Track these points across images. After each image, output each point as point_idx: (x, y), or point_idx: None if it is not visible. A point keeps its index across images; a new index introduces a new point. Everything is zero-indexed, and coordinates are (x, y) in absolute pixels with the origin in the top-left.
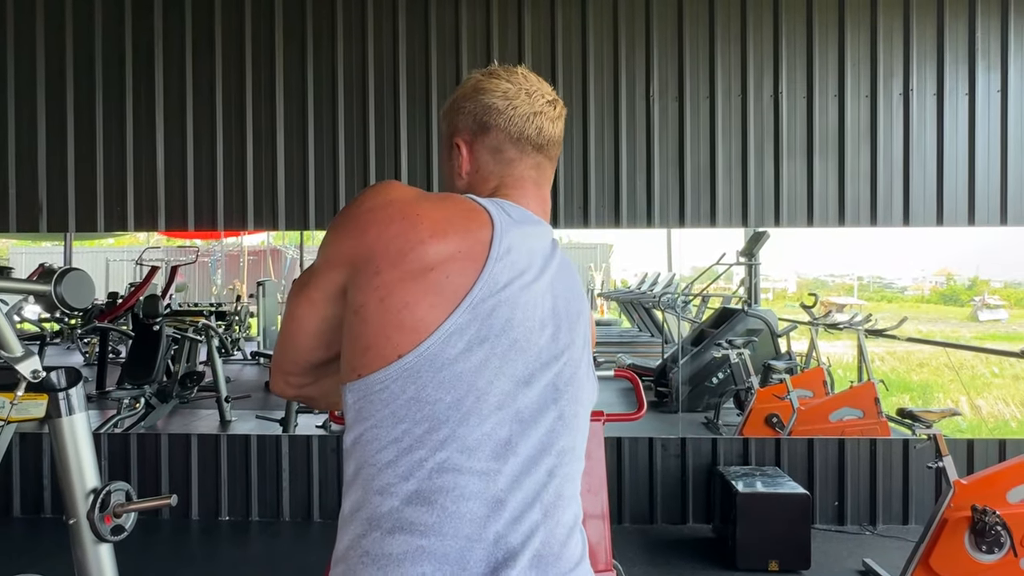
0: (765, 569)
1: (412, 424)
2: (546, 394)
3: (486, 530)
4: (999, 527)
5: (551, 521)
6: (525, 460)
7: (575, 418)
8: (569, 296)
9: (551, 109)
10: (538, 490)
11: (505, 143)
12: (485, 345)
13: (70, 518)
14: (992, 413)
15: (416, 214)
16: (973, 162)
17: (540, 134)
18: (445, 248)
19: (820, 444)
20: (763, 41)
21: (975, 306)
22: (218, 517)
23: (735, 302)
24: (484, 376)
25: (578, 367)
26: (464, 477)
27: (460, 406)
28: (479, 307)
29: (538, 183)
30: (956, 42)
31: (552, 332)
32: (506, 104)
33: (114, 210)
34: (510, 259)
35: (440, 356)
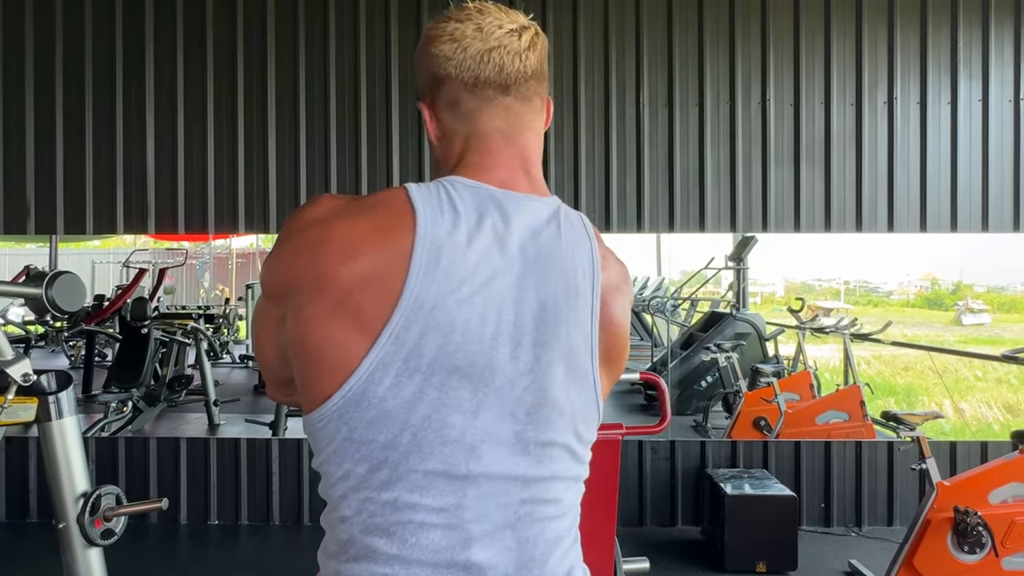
0: (753, 570)
1: (353, 464)
2: (502, 424)
3: (453, 556)
4: (980, 528)
5: (527, 545)
6: (489, 491)
7: (545, 448)
8: (549, 299)
9: (513, 40)
10: (507, 518)
11: (461, 93)
12: (416, 377)
13: (60, 522)
14: (975, 416)
15: (326, 236)
16: (955, 169)
17: (501, 72)
18: (357, 269)
19: (807, 447)
20: (751, 49)
21: (959, 310)
22: (207, 521)
23: (724, 306)
24: (419, 411)
25: (548, 388)
26: (420, 513)
27: (396, 445)
28: (403, 335)
29: (508, 136)
30: (938, 52)
31: (511, 350)
32: (455, 47)
33: (103, 212)
34: (441, 269)
35: (366, 395)
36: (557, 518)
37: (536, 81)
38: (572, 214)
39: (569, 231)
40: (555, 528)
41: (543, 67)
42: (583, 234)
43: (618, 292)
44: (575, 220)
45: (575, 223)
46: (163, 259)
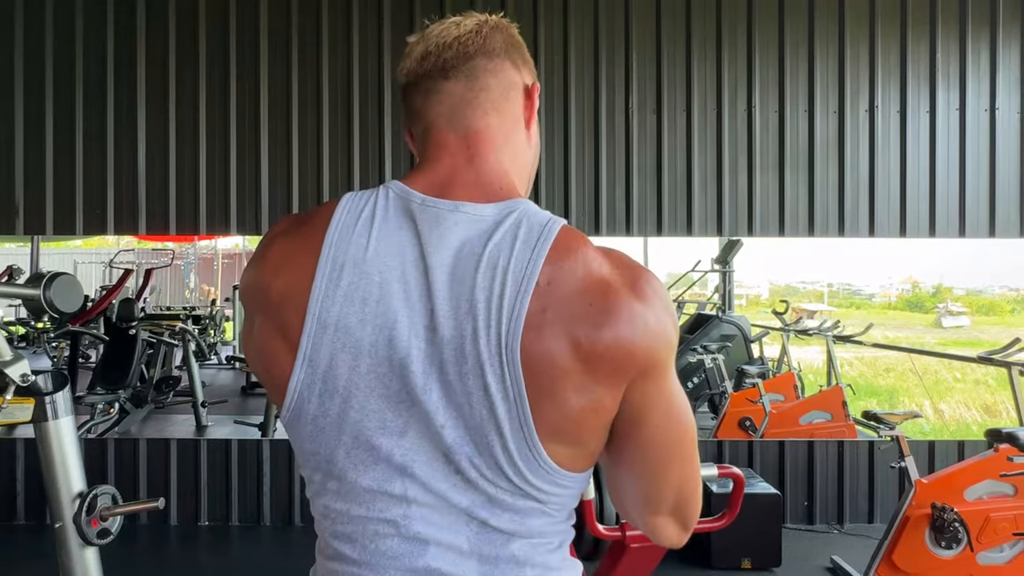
0: (738, 567)
1: (311, 471)
2: (431, 446)
3: (413, 562)
4: (957, 524)
5: (489, 554)
6: (432, 506)
7: (480, 480)
8: (454, 331)
9: (452, 29)
10: (459, 528)
11: (411, 98)
12: (336, 398)
13: (56, 522)
14: (954, 417)
15: (264, 256)
16: (934, 176)
17: (439, 59)
18: (279, 287)
19: (791, 446)
20: (737, 58)
21: (939, 313)
22: (198, 522)
23: (710, 308)
24: (347, 431)
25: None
26: (372, 524)
27: (335, 460)
28: (315, 357)
29: (451, 120)
30: (918, 63)
31: (423, 378)
32: (405, 61)
33: (93, 213)
34: (343, 288)
35: (302, 413)
36: (516, 537)
37: (486, 58)
38: (525, 223)
39: (501, 247)
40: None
41: (500, 47)
42: (528, 250)
43: (561, 322)
44: (525, 232)
45: (522, 236)
46: (149, 259)
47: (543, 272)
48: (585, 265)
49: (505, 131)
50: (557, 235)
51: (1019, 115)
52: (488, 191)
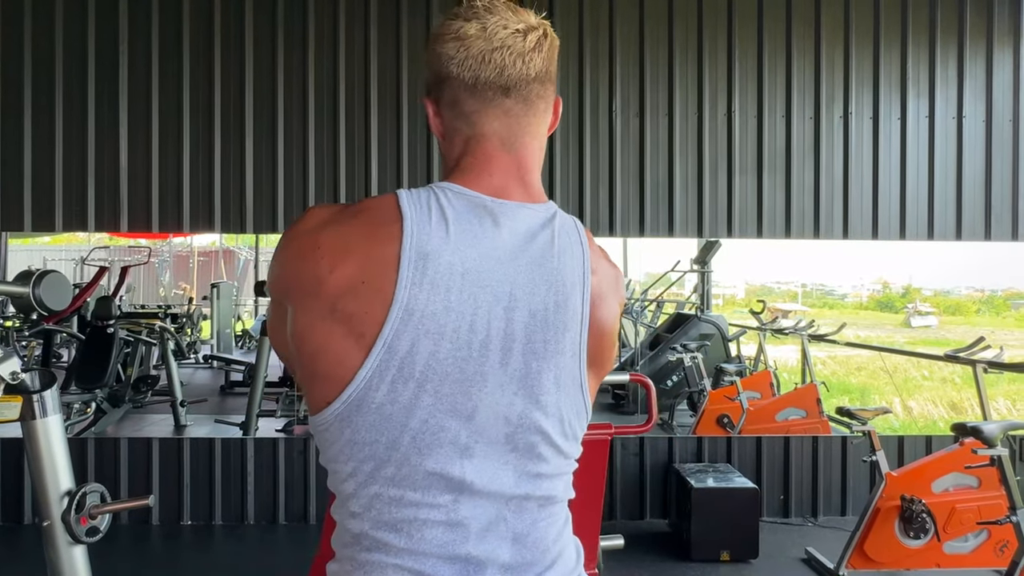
0: (717, 559)
1: (359, 463)
2: (494, 426)
3: (454, 550)
4: (925, 515)
5: (521, 535)
6: (481, 490)
7: (534, 448)
8: (539, 307)
9: (517, 40)
10: (500, 512)
11: (461, 94)
12: (411, 384)
13: (44, 520)
14: (922, 413)
15: (314, 245)
16: (904, 181)
17: (502, 73)
18: (345, 279)
19: (767, 442)
20: (718, 64)
21: (908, 313)
22: (180, 522)
23: (688, 308)
24: (416, 416)
25: (538, 394)
26: (422, 510)
27: (397, 446)
28: (395, 344)
29: (506, 141)
30: (889, 72)
31: (500, 356)
32: (457, 46)
33: (73, 210)
34: (429, 276)
35: (365, 401)
36: (546, 507)
37: (540, 84)
38: (567, 220)
39: (562, 238)
40: (545, 517)
41: (550, 69)
42: (576, 240)
43: (608, 297)
44: (569, 226)
45: (569, 229)
46: (122, 256)
47: (590, 259)
48: (602, 254)
49: (540, 151)
50: (585, 230)
51: (984, 123)
52: (533, 196)
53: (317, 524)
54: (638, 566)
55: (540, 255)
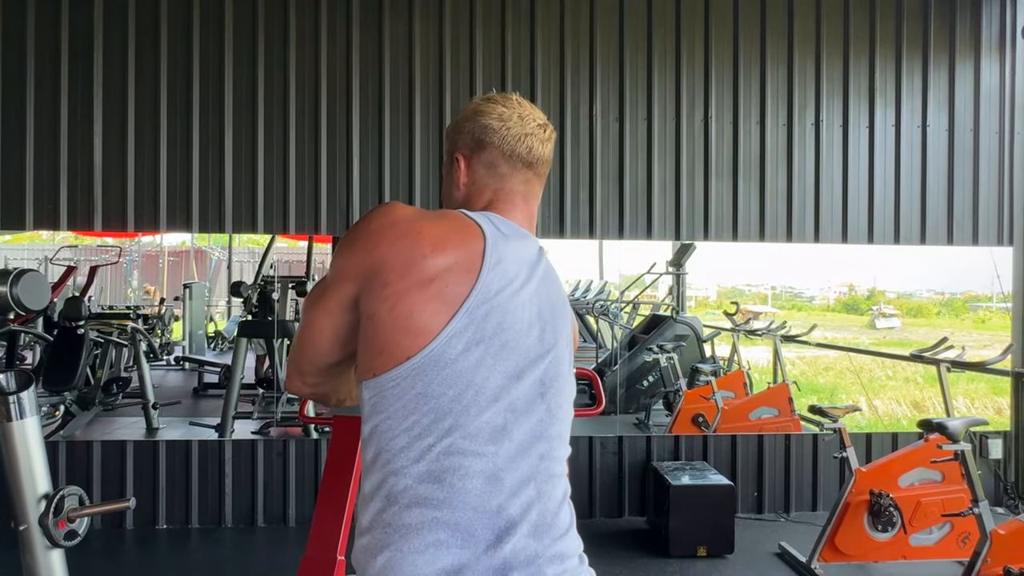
0: (694, 555)
1: (421, 415)
2: (535, 388)
3: (489, 503)
4: (892, 508)
5: (544, 496)
6: (519, 444)
7: (559, 409)
8: (553, 301)
9: (541, 132)
10: (531, 470)
11: (499, 159)
12: (481, 345)
13: (20, 524)
14: (887, 412)
15: (418, 231)
16: (872, 187)
17: (531, 153)
18: (444, 261)
19: (742, 440)
20: (695, 72)
21: (873, 315)
22: (155, 526)
23: (664, 309)
24: (480, 373)
25: (561, 364)
26: (467, 459)
27: (461, 399)
28: (475, 312)
29: (526, 197)
30: (858, 82)
31: (539, 333)
32: (501, 125)
33: (45, 208)
34: (501, 268)
35: (443, 356)
36: (561, 476)
37: (546, 164)
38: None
39: (547, 260)
40: (561, 486)
41: (552, 154)
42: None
43: None
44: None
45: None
46: (88, 256)
47: None
48: None
49: (537, 205)
50: None
51: (947, 132)
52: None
53: (296, 526)
54: (617, 563)
55: (547, 266)
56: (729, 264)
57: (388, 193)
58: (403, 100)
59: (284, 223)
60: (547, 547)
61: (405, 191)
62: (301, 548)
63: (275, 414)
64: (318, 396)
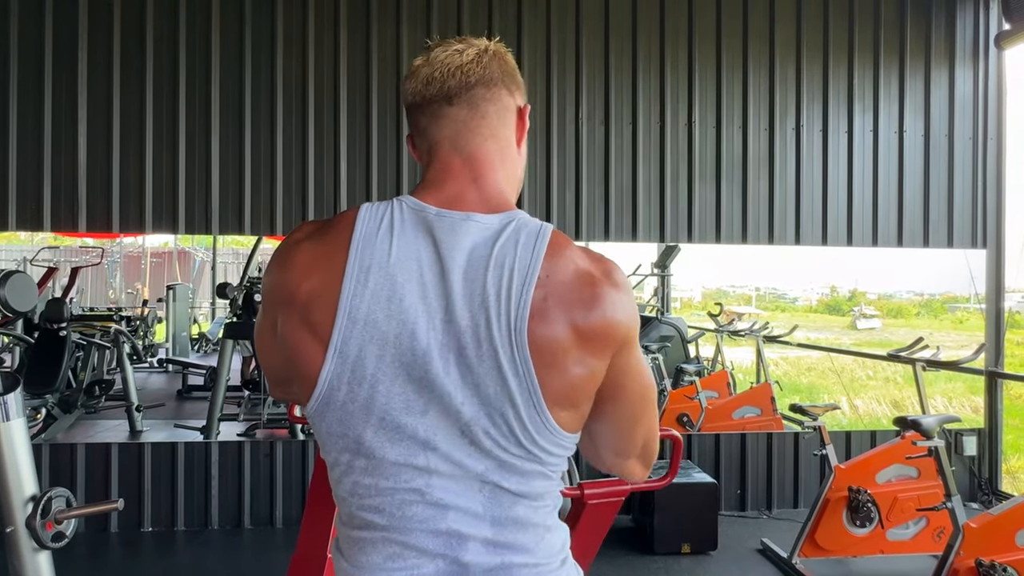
0: (679, 552)
1: (338, 453)
2: (450, 423)
3: (436, 525)
4: (870, 504)
5: (500, 520)
6: (451, 475)
7: (493, 448)
8: (468, 321)
9: (455, 57)
10: (476, 497)
11: (417, 116)
12: (364, 385)
13: (7, 526)
14: (867, 411)
15: (292, 260)
16: (851, 191)
17: (443, 86)
18: (309, 289)
19: (725, 439)
20: (679, 77)
21: (854, 316)
22: (141, 528)
23: (649, 310)
24: (375, 412)
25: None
26: (400, 494)
27: (363, 439)
28: (345, 349)
29: (456, 144)
30: (838, 88)
31: (443, 365)
32: (412, 80)
33: (28, 208)
34: (370, 287)
35: (331, 400)
36: (522, 501)
37: (484, 87)
38: (522, 230)
39: (504, 251)
40: (524, 508)
41: (497, 76)
42: (527, 252)
43: (557, 311)
44: (522, 237)
45: (521, 240)
46: (71, 257)
47: (543, 267)
48: (574, 261)
49: (501, 153)
50: (550, 237)
51: (923, 137)
52: (490, 204)
53: (284, 528)
54: (603, 561)
55: (473, 270)
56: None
57: (375, 193)
58: (391, 103)
59: (271, 224)
60: (511, 556)
61: (392, 191)
62: (288, 550)
63: (261, 416)
64: (295, 401)
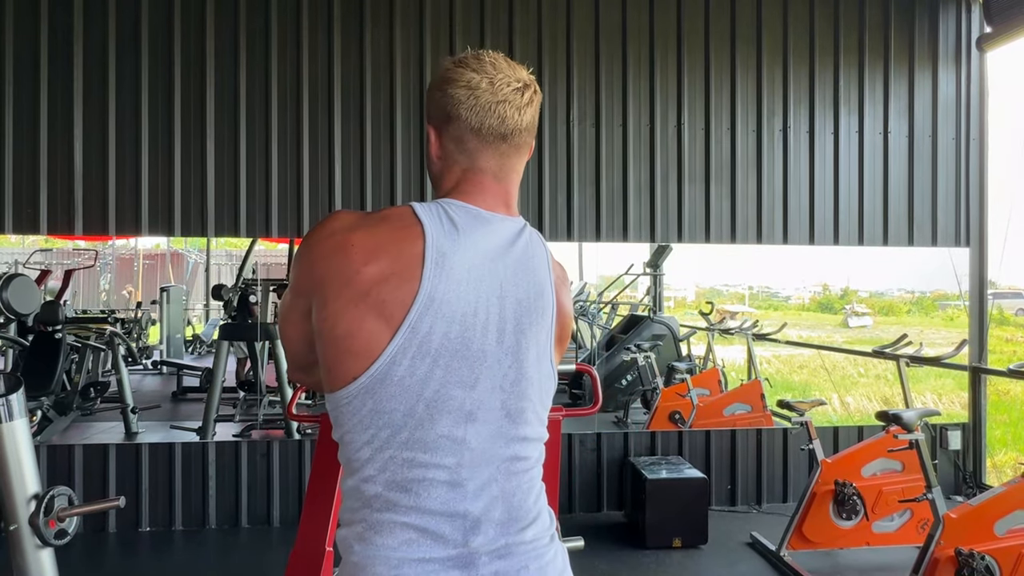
0: (670, 546)
1: (377, 429)
2: (492, 395)
3: (455, 508)
4: (855, 497)
5: (508, 493)
6: (479, 452)
7: (522, 414)
8: (523, 296)
9: (518, 96)
10: (493, 473)
11: (466, 133)
12: (427, 359)
13: (10, 524)
14: (858, 408)
15: (350, 244)
16: (837, 191)
17: (503, 123)
18: (378, 271)
19: (716, 435)
20: (668, 79)
21: (846, 314)
22: (139, 528)
23: (642, 310)
24: (430, 386)
25: (525, 366)
26: (429, 471)
27: (413, 413)
28: (418, 326)
29: (498, 175)
30: (824, 90)
31: (497, 336)
32: (468, 95)
33: (24, 212)
34: (446, 269)
35: (389, 375)
36: (528, 471)
37: (528, 132)
38: (533, 230)
39: (531, 243)
40: (527, 480)
41: (534, 123)
42: (540, 245)
43: (565, 288)
44: (535, 235)
45: (535, 237)
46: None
47: (550, 260)
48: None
49: (519, 179)
50: (543, 240)
51: (907, 138)
52: (512, 214)
53: (280, 526)
54: (596, 556)
55: (520, 256)
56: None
57: (370, 195)
58: (384, 106)
59: (267, 226)
60: (515, 535)
61: (386, 194)
62: (286, 548)
63: (257, 417)
64: (314, 385)
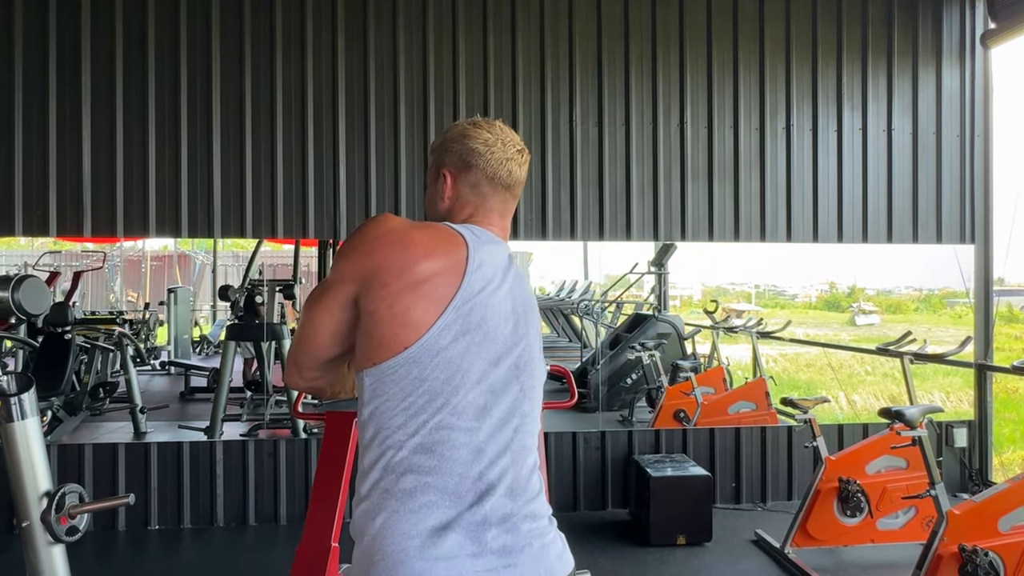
0: (674, 544)
1: (416, 396)
2: (510, 372)
3: (472, 470)
4: (860, 494)
5: (518, 464)
6: (498, 420)
7: (532, 390)
8: (523, 298)
9: (519, 156)
10: (507, 441)
11: (482, 181)
12: (466, 336)
13: (23, 521)
14: (865, 407)
15: (411, 239)
16: (840, 188)
17: (510, 176)
18: (433, 265)
19: (720, 433)
20: (671, 78)
21: (853, 312)
22: (147, 526)
23: (646, 308)
24: (467, 359)
25: (532, 351)
26: (455, 433)
27: (451, 381)
28: (461, 308)
29: (502, 214)
30: (827, 88)
31: (513, 325)
32: (486, 150)
33: (34, 214)
34: (481, 272)
35: (435, 345)
36: (532, 448)
37: (521, 186)
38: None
39: (516, 262)
40: (532, 456)
41: (526, 176)
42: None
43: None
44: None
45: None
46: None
47: None
48: None
49: (510, 219)
50: None
51: (911, 135)
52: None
53: (288, 524)
54: (600, 553)
55: (516, 271)
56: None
57: (375, 197)
58: (388, 107)
59: (272, 227)
60: (520, 507)
61: (391, 196)
62: (293, 546)
63: (264, 416)
64: (315, 389)
